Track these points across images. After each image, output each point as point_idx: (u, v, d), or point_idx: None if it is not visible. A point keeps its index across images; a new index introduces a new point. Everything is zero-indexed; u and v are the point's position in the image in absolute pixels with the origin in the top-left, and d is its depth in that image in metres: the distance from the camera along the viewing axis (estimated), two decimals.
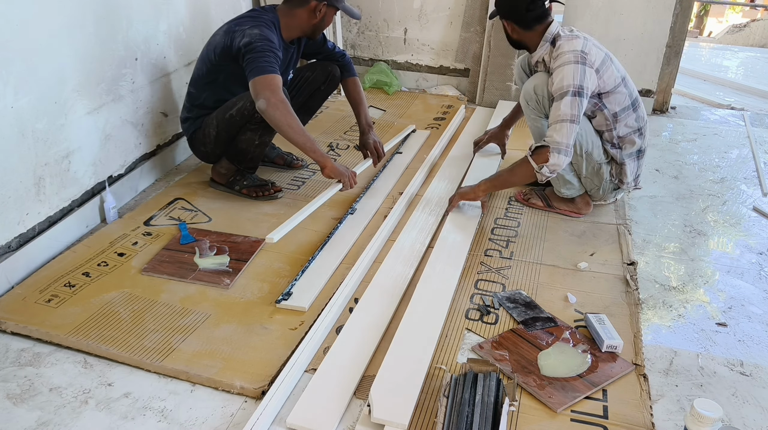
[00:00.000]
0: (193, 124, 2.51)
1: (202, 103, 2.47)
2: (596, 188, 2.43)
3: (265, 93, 2.14)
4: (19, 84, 1.94)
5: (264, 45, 2.23)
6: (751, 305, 2.05)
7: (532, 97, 2.35)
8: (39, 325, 1.78)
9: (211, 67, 2.39)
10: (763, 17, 9.78)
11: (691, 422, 1.36)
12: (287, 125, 2.18)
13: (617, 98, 2.26)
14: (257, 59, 2.19)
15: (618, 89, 2.26)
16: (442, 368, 1.68)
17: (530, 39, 2.31)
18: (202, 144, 2.52)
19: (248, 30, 2.27)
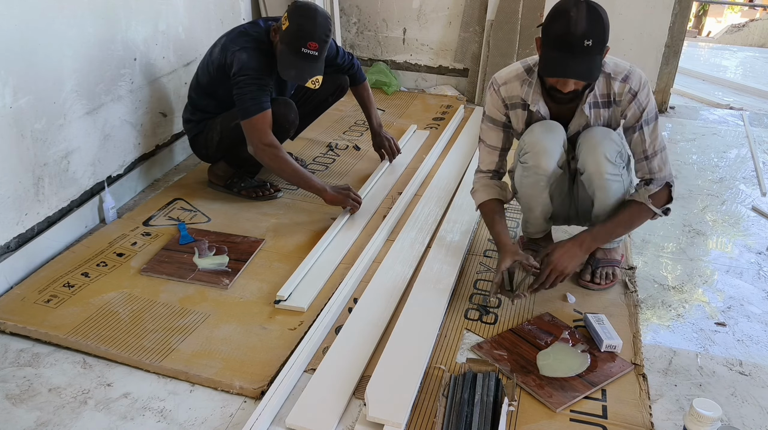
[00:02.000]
0: (196, 126, 2.51)
1: (204, 108, 2.47)
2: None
3: (253, 139, 2.22)
4: (18, 84, 1.94)
5: (247, 79, 2.19)
6: (750, 304, 2.05)
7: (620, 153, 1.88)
8: (38, 325, 1.77)
9: (210, 80, 2.38)
10: (761, 17, 9.79)
11: (690, 422, 1.37)
12: (278, 169, 2.28)
13: None
14: (242, 97, 2.20)
15: None
16: (441, 368, 1.68)
17: None
18: (203, 147, 2.52)
19: (237, 53, 2.22)
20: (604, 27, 1.70)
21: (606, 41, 1.72)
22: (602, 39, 1.70)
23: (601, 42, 1.70)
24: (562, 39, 1.69)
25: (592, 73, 1.73)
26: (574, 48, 1.68)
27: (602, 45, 1.71)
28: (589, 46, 1.67)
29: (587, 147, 1.88)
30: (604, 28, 1.70)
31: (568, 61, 1.70)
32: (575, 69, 1.71)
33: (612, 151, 1.85)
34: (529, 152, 1.90)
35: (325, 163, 2.95)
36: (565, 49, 1.69)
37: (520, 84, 1.90)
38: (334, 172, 2.85)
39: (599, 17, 1.69)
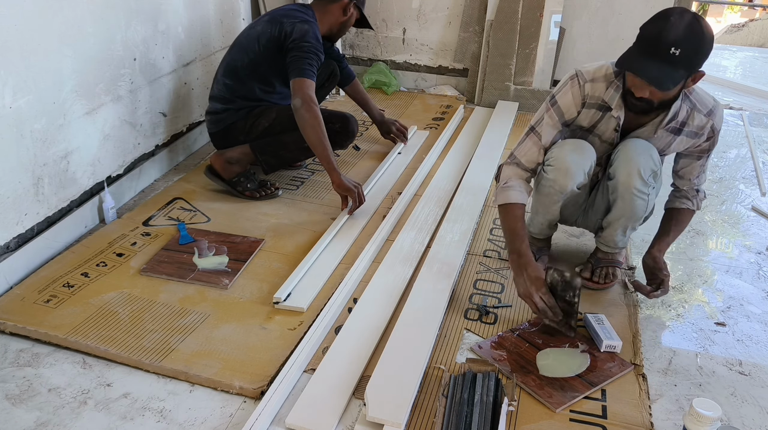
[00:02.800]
0: (235, 114, 2.52)
1: (246, 94, 2.49)
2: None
3: (303, 94, 2.26)
4: (17, 84, 1.94)
5: (311, 46, 2.31)
6: (750, 304, 2.05)
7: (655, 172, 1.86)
8: (38, 325, 1.77)
9: (255, 57, 2.44)
10: (761, 17, 9.79)
11: (690, 422, 1.37)
12: (311, 126, 2.26)
13: None
14: (301, 59, 2.29)
15: None
16: (441, 368, 1.68)
17: None
18: (243, 133, 2.51)
19: (298, 24, 2.34)
20: (700, 44, 1.61)
21: (697, 61, 1.63)
22: (692, 55, 1.61)
23: (689, 56, 1.60)
24: (652, 39, 1.63)
25: (665, 83, 1.63)
26: (659, 51, 1.61)
27: (690, 60, 1.61)
28: (675, 55, 1.59)
29: (624, 157, 1.84)
30: (699, 45, 1.61)
31: (647, 62, 1.63)
32: (649, 71, 1.63)
33: (647, 169, 1.82)
34: (553, 166, 1.87)
35: None
36: (650, 49, 1.62)
37: (606, 86, 1.82)
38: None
39: (700, 33, 1.61)
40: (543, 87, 3.80)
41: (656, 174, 1.86)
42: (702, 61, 1.65)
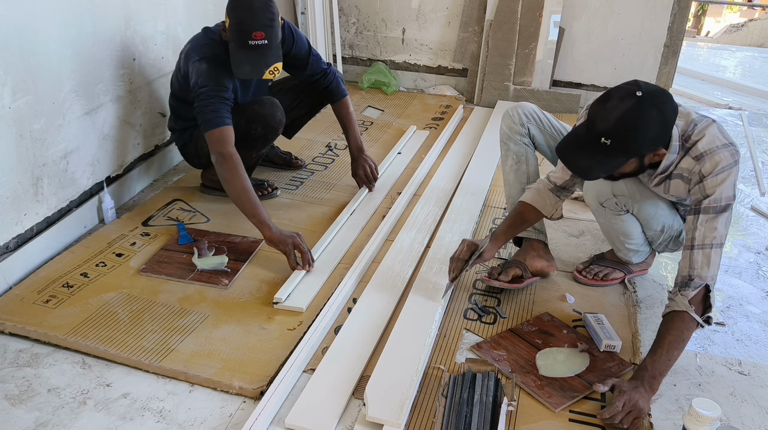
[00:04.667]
0: (182, 136, 2.46)
1: (184, 116, 2.39)
2: (670, 251, 2.02)
3: (214, 149, 2.08)
4: (16, 84, 1.94)
5: (208, 91, 2.10)
6: (749, 304, 2.05)
7: (610, 200, 1.84)
8: (37, 325, 1.77)
9: (180, 88, 2.33)
10: (760, 17, 9.80)
11: (689, 422, 1.37)
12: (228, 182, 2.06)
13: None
14: (203, 110, 2.10)
15: None
16: (440, 368, 1.68)
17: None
18: (195, 156, 2.46)
19: (197, 63, 2.14)
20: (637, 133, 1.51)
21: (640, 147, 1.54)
22: (629, 143, 1.52)
23: (624, 144, 1.52)
24: (588, 124, 1.56)
25: (593, 172, 1.61)
26: (591, 139, 1.55)
27: (628, 148, 1.54)
28: (607, 144, 1.53)
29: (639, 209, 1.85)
30: (635, 133, 1.51)
31: (576, 148, 1.60)
32: (577, 160, 1.61)
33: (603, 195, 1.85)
34: None
35: (324, 163, 2.95)
36: (586, 136, 1.56)
37: None
38: (334, 172, 2.85)
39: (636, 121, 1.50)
40: (542, 87, 3.80)
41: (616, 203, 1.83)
42: (645, 149, 1.57)
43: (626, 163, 1.58)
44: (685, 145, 1.64)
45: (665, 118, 1.54)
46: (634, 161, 1.60)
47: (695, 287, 1.59)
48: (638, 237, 1.96)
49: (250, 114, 2.28)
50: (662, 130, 1.56)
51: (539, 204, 1.92)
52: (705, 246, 1.60)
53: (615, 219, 1.90)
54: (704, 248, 1.60)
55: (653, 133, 1.53)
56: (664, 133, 1.58)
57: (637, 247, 1.99)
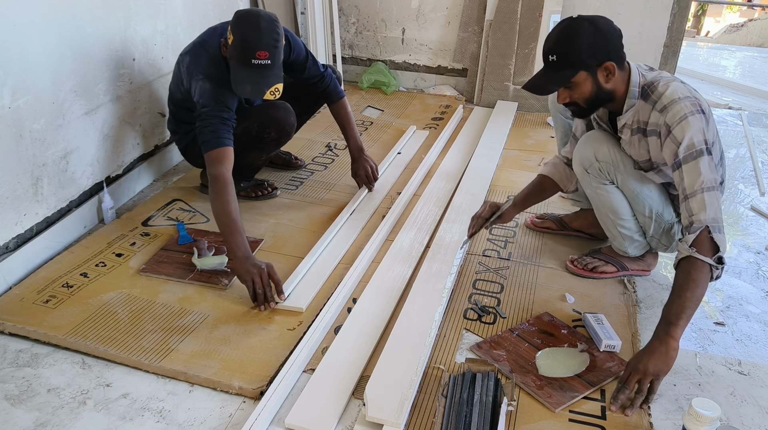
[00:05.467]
0: (183, 138, 2.46)
1: (187, 120, 2.36)
2: (664, 247, 2.03)
3: (211, 169, 2.04)
4: (16, 84, 1.94)
5: (209, 111, 2.09)
6: (749, 304, 2.05)
7: (593, 165, 1.92)
8: (37, 326, 1.77)
9: (183, 97, 2.30)
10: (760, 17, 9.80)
11: (689, 422, 1.37)
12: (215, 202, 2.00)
13: (717, 150, 1.76)
14: (204, 130, 2.08)
15: (717, 140, 1.78)
16: (440, 368, 1.68)
17: (621, 85, 1.80)
18: (199, 157, 2.39)
19: (201, 83, 2.13)
20: (574, 44, 1.71)
21: (581, 59, 1.72)
22: (570, 55, 1.72)
23: (567, 58, 1.73)
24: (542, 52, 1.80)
25: (545, 88, 1.80)
26: (544, 62, 1.79)
27: (570, 61, 1.73)
28: (554, 61, 1.75)
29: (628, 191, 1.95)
30: (573, 45, 1.72)
31: (536, 75, 1.81)
32: (532, 82, 1.81)
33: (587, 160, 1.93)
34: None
35: (324, 163, 2.95)
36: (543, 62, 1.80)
37: None
38: (333, 172, 2.85)
39: (573, 34, 1.72)
40: None
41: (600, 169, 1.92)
42: (588, 57, 1.72)
43: (574, 75, 1.74)
44: (651, 95, 1.77)
45: (597, 27, 1.72)
46: (584, 76, 1.75)
47: (694, 230, 1.61)
48: (628, 218, 1.97)
49: (264, 118, 2.31)
50: (598, 37, 1.72)
51: (556, 176, 2.12)
52: (696, 192, 1.63)
53: (601, 189, 1.96)
54: (695, 194, 1.63)
55: (587, 39, 1.71)
56: (602, 42, 1.72)
57: (630, 232, 2.00)
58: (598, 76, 1.76)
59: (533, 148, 3.21)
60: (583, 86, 1.76)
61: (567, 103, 1.82)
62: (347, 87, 4.01)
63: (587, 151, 1.93)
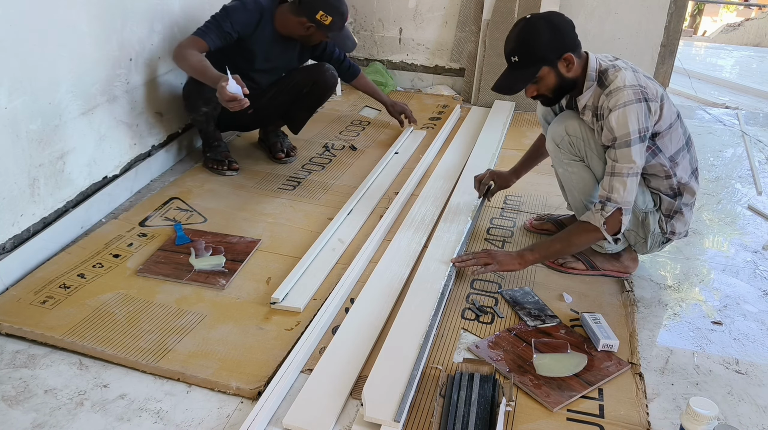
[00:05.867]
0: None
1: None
2: (641, 242, 2.04)
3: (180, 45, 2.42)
4: (12, 85, 1.93)
5: (216, 15, 2.47)
6: (746, 303, 2.05)
7: (564, 139, 1.98)
8: (34, 326, 1.77)
9: None
10: (757, 16, 9.82)
11: (687, 421, 1.37)
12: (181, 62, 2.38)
13: (673, 137, 1.90)
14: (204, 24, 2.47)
15: (674, 127, 1.90)
16: (438, 368, 1.68)
17: (581, 72, 1.90)
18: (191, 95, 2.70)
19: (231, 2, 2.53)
20: (533, 42, 1.82)
21: (541, 55, 1.83)
22: (531, 53, 1.83)
23: (529, 56, 1.83)
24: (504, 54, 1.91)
25: (513, 87, 1.89)
26: (508, 63, 1.89)
27: (532, 58, 1.84)
28: (516, 61, 1.86)
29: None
30: (532, 43, 1.82)
31: (502, 75, 1.91)
32: (499, 82, 1.91)
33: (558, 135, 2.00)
34: None
35: (321, 163, 2.95)
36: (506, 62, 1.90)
37: None
38: (331, 172, 2.85)
39: (529, 32, 1.83)
40: None
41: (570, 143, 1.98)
42: (548, 52, 1.83)
43: (538, 71, 1.85)
44: (604, 81, 1.85)
45: (552, 23, 1.83)
46: (546, 70, 1.85)
47: (610, 207, 1.83)
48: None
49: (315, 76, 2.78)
50: (554, 33, 1.82)
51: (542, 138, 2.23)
52: (621, 174, 1.81)
53: (572, 166, 2.02)
54: (621, 175, 1.81)
55: (546, 36, 1.81)
56: (559, 36, 1.83)
57: None
58: (559, 67, 1.86)
59: None
60: (547, 79, 1.87)
61: (534, 96, 1.94)
62: (344, 87, 4.01)
63: (559, 127, 2.00)
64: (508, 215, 2.52)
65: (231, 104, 2.17)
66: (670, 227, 2.00)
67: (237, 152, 2.94)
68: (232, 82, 2.14)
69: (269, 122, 2.94)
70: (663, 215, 1.99)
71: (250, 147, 3.08)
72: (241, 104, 2.17)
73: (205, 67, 2.30)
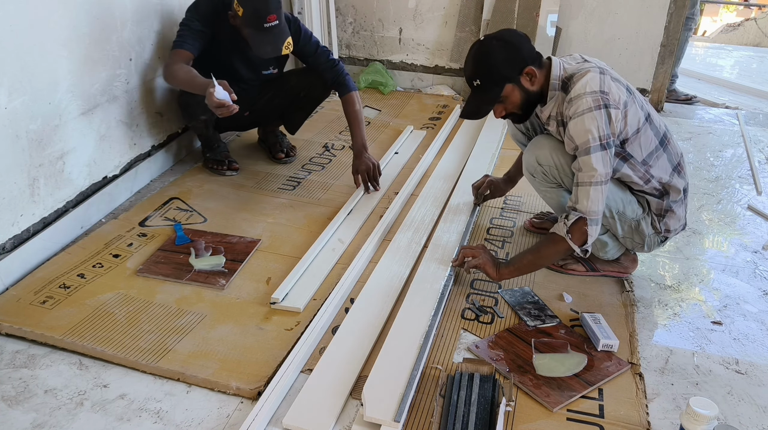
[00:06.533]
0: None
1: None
2: (639, 245, 2.02)
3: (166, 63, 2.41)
4: (12, 85, 1.93)
5: (185, 20, 2.43)
6: (746, 303, 2.05)
7: (537, 169, 1.97)
8: (34, 326, 1.77)
9: None
10: (757, 16, 9.82)
11: (687, 421, 1.37)
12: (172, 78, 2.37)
13: (643, 142, 1.86)
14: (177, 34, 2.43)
15: (642, 131, 1.85)
16: (438, 368, 1.68)
17: (544, 83, 1.87)
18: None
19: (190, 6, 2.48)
20: (489, 64, 1.80)
21: (501, 75, 1.80)
22: (491, 75, 1.81)
23: (489, 78, 1.81)
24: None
25: (480, 112, 1.89)
26: (470, 88, 1.87)
27: (493, 79, 1.81)
28: (479, 85, 1.84)
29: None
30: (489, 65, 1.80)
31: (468, 101, 1.90)
32: (466, 108, 1.90)
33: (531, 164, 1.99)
34: None
35: (321, 163, 2.95)
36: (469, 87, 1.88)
37: None
38: (331, 173, 2.85)
39: (484, 55, 1.81)
40: None
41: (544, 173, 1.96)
42: (508, 70, 1.81)
43: (501, 91, 1.82)
44: (568, 87, 1.81)
45: (505, 41, 1.82)
46: (510, 88, 1.83)
47: (573, 217, 1.79)
48: None
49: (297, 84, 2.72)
50: (509, 50, 1.81)
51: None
52: (584, 184, 1.77)
53: (550, 192, 2.01)
54: (584, 185, 1.77)
55: (501, 55, 1.80)
56: (515, 52, 1.81)
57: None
58: (522, 82, 1.84)
59: None
60: (513, 96, 1.85)
61: (504, 116, 1.91)
62: None
63: (530, 158, 1.98)
64: (508, 214, 2.52)
65: (219, 110, 2.13)
66: (663, 225, 1.98)
67: (237, 152, 2.94)
68: (219, 89, 2.11)
69: (267, 123, 2.94)
70: (655, 216, 1.97)
71: (250, 147, 3.08)
72: (229, 110, 2.13)
73: (192, 77, 2.28)
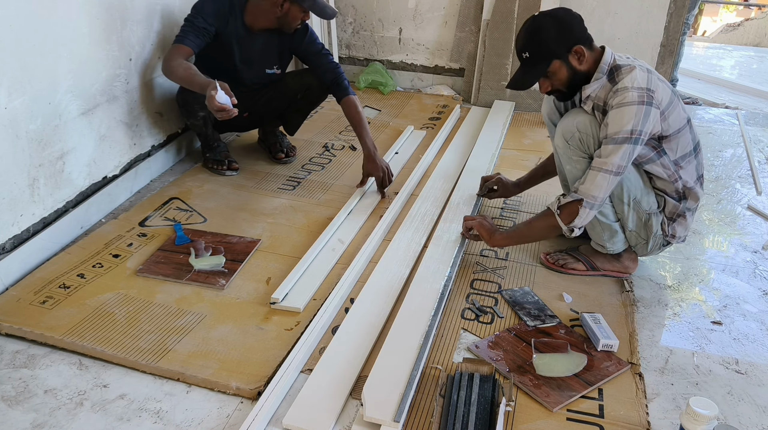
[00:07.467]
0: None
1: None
2: (643, 243, 2.04)
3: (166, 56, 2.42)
4: (12, 85, 1.93)
5: (188, 17, 2.45)
6: (746, 303, 2.05)
7: (574, 135, 1.93)
8: (34, 326, 1.77)
9: None
10: (757, 16, 9.82)
11: (686, 421, 1.37)
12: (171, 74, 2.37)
13: (681, 142, 1.91)
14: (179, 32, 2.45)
15: (683, 132, 1.91)
16: (438, 368, 1.68)
17: (594, 64, 1.91)
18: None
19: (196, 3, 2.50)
20: (541, 37, 1.86)
21: (551, 49, 1.86)
22: (540, 48, 1.87)
23: (539, 52, 1.87)
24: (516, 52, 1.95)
25: (526, 83, 1.92)
26: (520, 60, 1.92)
27: (542, 53, 1.87)
28: (528, 57, 1.89)
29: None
30: (540, 38, 1.86)
31: (516, 73, 1.95)
32: (514, 79, 1.95)
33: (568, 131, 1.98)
34: None
35: (321, 163, 2.95)
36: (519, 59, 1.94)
37: None
38: (331, 173, 2.85)
39: (537, 28, 1.87)
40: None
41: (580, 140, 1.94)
42: (557, 47, 1.86)
43: (548, 66, 1.87)
44: (615, 78, 1.86)
45: (558, 18, 1.87)
46: (558, 64, 1.87)
47: (572, 197, 1.87)
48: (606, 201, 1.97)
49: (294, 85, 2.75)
50: (560, 27, 1.86)
51: None
52: (597, 168, 1.83)
53: (581, 163, 1.97)
54: (596, 169, 1.83)
55: (553, 32, 1.85)
56: (566, 30, 1.86)
57: (608, 220, 2.00)
58: (571, 60, 1.88)
59: (530, 148, 3.21)
60: (559, 73, 1.89)
61: (549, 91, 1.96)
62: None
63: (569, 124, 1.97)
64: (508, 214, 2.52)
65: (220, 114, 2.13)
66: (671, 229, 2.01)
67: (237, 152, 2.94)
68: (221, 93, 2.11)
69: (266, 123, 2.94)
70: (666, 218, 2.00)
71: (250, 147, 3.08)
72: (229, 114, 2.14)
73: (192, 74, 2.29)
